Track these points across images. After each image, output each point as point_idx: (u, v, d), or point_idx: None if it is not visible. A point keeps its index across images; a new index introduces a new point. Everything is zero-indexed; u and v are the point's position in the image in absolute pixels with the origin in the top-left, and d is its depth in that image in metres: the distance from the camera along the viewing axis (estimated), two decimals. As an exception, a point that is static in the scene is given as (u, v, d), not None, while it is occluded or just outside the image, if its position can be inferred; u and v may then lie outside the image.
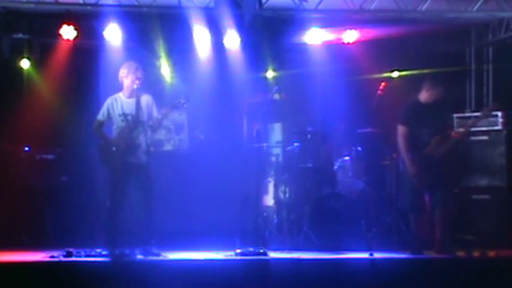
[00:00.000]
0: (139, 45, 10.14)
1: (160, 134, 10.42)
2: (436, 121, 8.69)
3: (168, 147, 10.85)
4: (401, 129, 8.70)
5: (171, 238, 9.05)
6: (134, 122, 8.38)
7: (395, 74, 10.52)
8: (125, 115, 8.43)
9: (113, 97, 8.56)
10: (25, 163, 9.92)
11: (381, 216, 9.58)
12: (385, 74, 10.40)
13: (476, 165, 9.59)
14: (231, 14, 9.67)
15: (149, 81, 10.00)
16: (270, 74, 10.60)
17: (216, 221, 10.31)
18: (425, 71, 10.09)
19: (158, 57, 10.28)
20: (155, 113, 8.43)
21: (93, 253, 8.17)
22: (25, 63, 10.27)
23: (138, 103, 8.40)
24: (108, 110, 8.49)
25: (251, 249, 8.39)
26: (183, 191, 10.39)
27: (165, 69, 10.54)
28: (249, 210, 9.60)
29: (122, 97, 8.52)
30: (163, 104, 8.72)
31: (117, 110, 8.46)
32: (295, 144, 9.69)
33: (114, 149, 8.35)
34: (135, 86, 8.41)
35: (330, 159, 9.60)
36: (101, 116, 8.52)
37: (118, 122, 8.46)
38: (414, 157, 8.58)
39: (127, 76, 8.47)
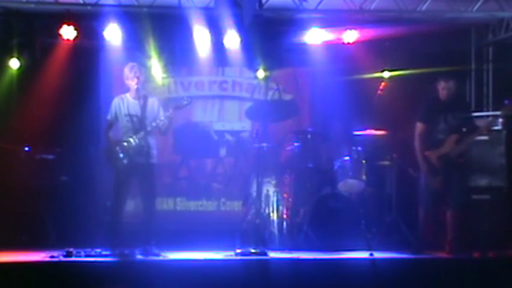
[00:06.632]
0: (139, 45, 10.14)
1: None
2: (454, 120, 8.70)
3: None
4: (419, 127, 8.72)
5: (171, 238, 9.08)
6: (140, 123, 8.40)
7: (395, 74, 10.51)
8: (130, 116, 8.46)
9: (119, 97, 8.61)
10: (25, 163, 9.91)
11: (381, 216, 9.58)
12: (385, 74, 10.38)
13: (476, 165, 9.58)
14: (231, 14, 9.66)
15: (149, 82, 10.04)
16: (270, 74, 10.59)
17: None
18: (425, 70, 10.10)
19: (158, 58, 10.26)
20: (161, 115, 8.46)
21: (93, 253, 8.18)
22: (25, 63, 10.26)
23: (144, 105, 8.44)
24: (115, 110, 8.52)
25: (251, 249, 8.40)
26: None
27: (165, 69, 10.52)
28: (249, 210, 9.61)
29: (128, 98, 8.55)
30: (166, 105, 8.76)
31: (124, 110, 8.49)
32: (295, 144, 9.69)
33: (118, 149, 8.37)
34: (135, 87, 8.43)
35: (330, 159, 9.60)
36: (109, 116, 8.58)
37: (123, 122, 8.49)
38: (429, 156, 8.60)
39: (129, 77, 8.50)
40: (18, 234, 9.53)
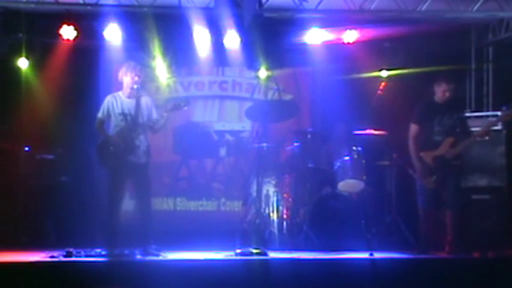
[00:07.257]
0: (139, 45, 10.14)
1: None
2: (450, 121, 8.69)
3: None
4: (413, 128, 8.72)
5: (171, 238, 9.08)
6: (133, 122, 8.39)
7: (395, 74, 10.50)
8: (124, 115, 8.43)
9: (112, 95, 8.56)
10: (25, 163, 9.92)
11: (381, 216, 9.58)
12: (385, 74, 10.38)
13: (476, 165, 9.58)
14: (231, 14, 9.66)
15: (148, 81, 10.03)
16: (270, 74, 10.60)
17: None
18: (426, 70, 10.11)
19: (158, 58, 10.26)
20: (154, 115, 8.44)
21: (93, 253, 8.17)
22: (25, 63, 10.25)
23: (137, 104, 8.41)
24: (107, 108, 8.48)
25: (251, 249, 8.39)
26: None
27: (165, 69, 10.53)
28: (249, 210, 9.61)
29: (121, 96, 8.51)
30: (162, 106, 8.74)
31: (117, 109, 8.45)
32: (295, 144, 9.69)
33: (112, 147, 8.35)
34: (135, 86, 8.42)
35: (330, 159, 9.60)
36: (101, 114, 8.51)
37: (117, 121, 8.45)
38: (424, 156, 8.60)
39: (126, 75, 8.47)
40: (18, 234, 9.54)
